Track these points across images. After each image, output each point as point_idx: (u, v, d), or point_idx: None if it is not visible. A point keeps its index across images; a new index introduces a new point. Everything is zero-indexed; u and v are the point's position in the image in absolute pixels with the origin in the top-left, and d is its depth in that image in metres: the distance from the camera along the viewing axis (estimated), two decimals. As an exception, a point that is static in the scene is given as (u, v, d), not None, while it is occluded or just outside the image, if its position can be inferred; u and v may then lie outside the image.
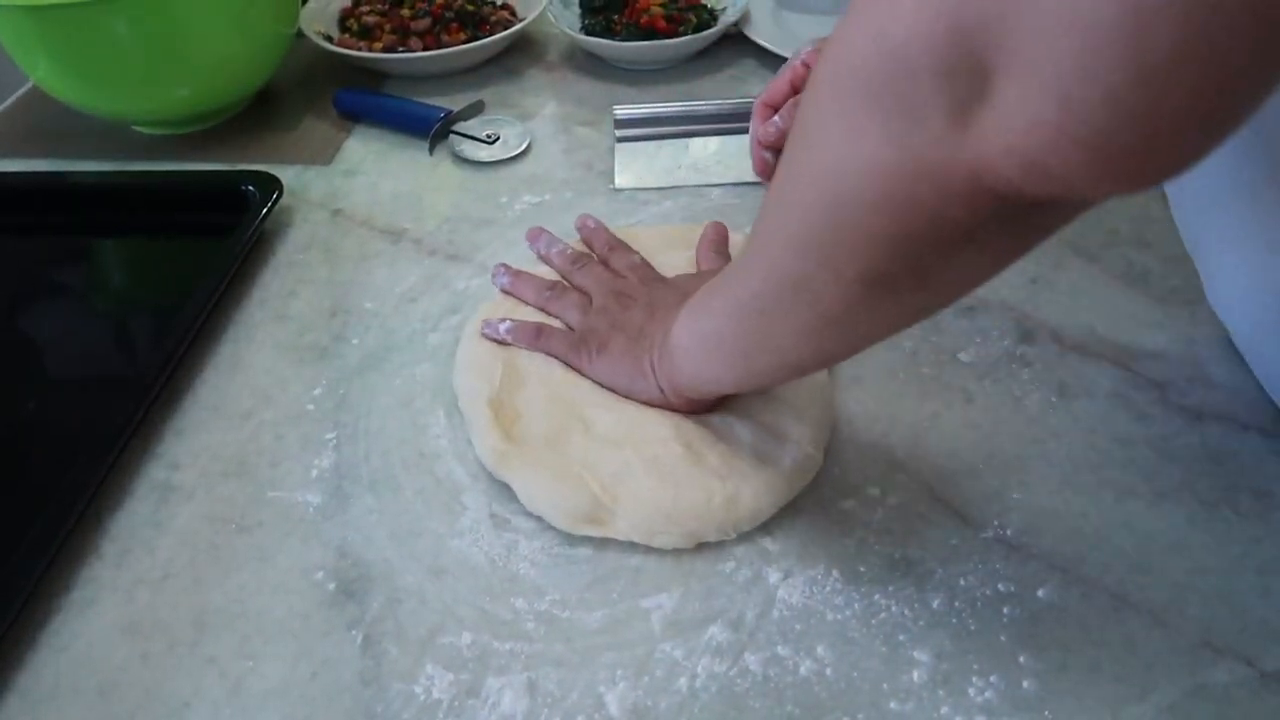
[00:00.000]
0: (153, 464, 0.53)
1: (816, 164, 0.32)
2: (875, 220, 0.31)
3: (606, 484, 0.47)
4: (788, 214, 0.35)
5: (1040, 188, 0.26)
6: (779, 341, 0.40)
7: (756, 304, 0.39)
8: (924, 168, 0.28)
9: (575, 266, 0.59)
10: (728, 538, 0.46)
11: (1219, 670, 0.41)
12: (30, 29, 0.69)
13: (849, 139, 0.30)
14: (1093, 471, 0.49)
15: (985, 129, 0.26)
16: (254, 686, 0.43)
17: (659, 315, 0.51)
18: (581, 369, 0.53)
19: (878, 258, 0.32)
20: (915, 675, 0.41)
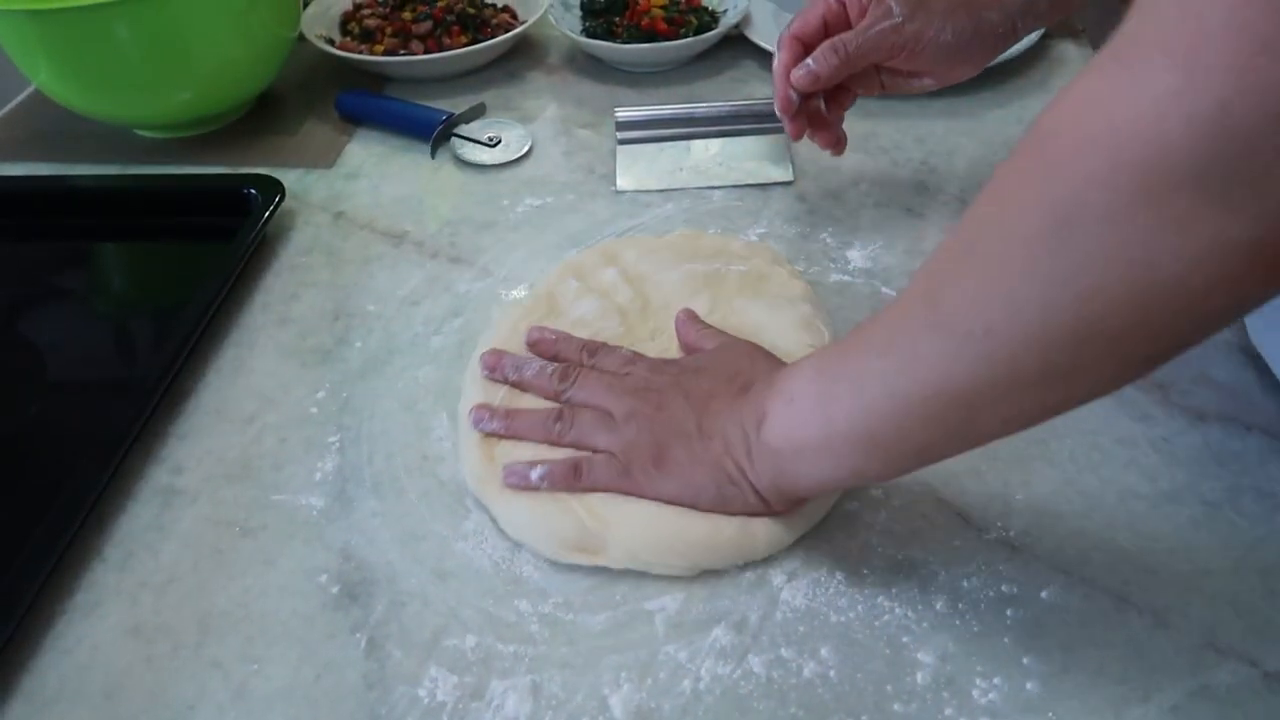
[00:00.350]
0: (156, 468, 0.53)
1: (1103, 259, 0.30)
2: (1204, 303, 0.30)
3: (595, 509, 0.46)
4: (1029, 312, 0.32)
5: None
6: (974, 434, 0.38)
7: (955, 400, 0.36)
8: (1271, 238, 0.27)
9: (566, 383, 0.51)
10: (735, 566, 0.46)
11: (1222, 671, 0.41)
12: (32, 33, 0.69)
13: (1172, 227, 0.28)
14: (1095, 473, 0.49)
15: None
16: (258, 689, 0.43)
17: (714, 407, 0.46)
18: (642, 493, 0.46)
19: (1176, 342, 0.32)
20: (919, 677, 0.41)
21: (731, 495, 0.44)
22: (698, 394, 0.47)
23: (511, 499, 0.47)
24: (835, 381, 0.40)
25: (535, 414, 0.50)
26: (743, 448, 0.44)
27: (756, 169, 0.72)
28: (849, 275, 0.62)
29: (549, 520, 0.46)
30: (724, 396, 0.46)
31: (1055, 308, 0.32)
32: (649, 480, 0.46)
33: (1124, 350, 0.32)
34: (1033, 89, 0.80)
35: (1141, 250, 0.29)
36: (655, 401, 0.47)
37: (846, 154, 0.73)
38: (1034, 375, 0.34)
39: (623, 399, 0.48)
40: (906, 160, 0.72)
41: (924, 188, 0.69)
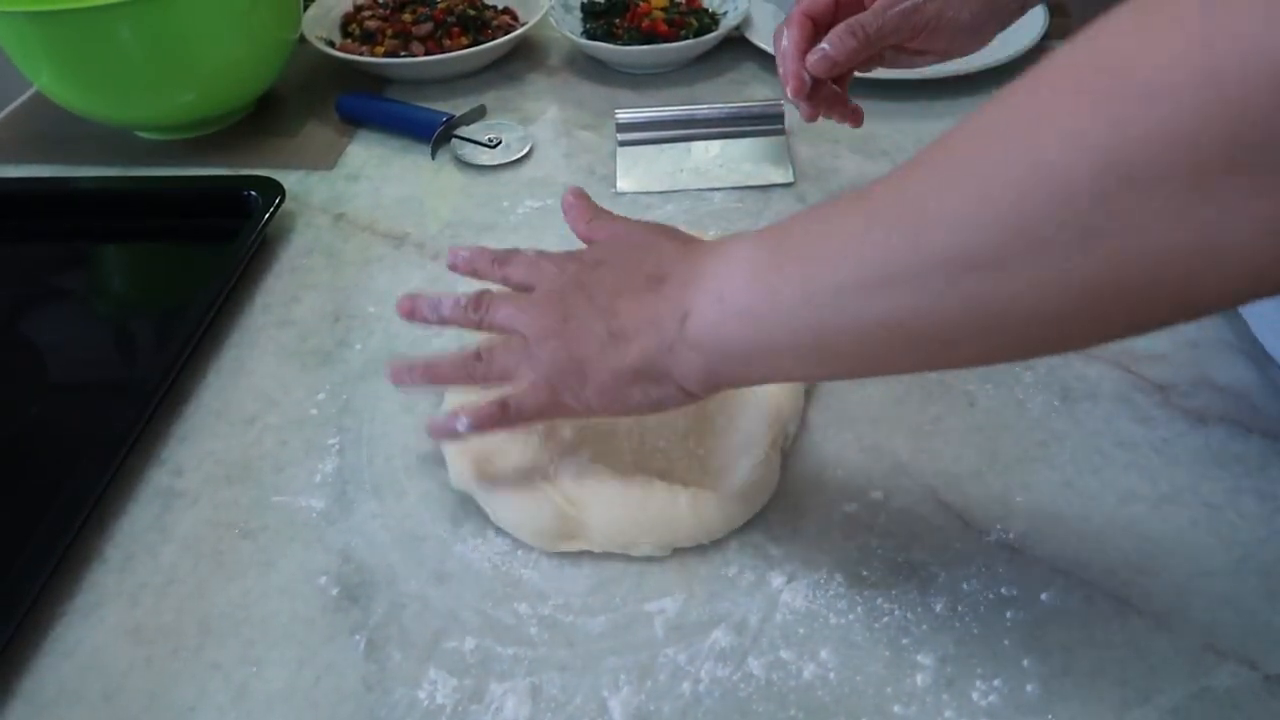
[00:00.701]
0: (156, 469, 0.53)
1: (1162, 227, 0.27)
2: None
3: (570, 494, 0.47)
4: (1051, 262, 0.29)
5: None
6: (945, 362, 0.35)
7: (932, 331, 0.33)
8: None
9: (480, 311, 0.47)
10: (701, 543, 0.46)
11: (1222, 673, 0.41)
12: (33, 35, 0.69)
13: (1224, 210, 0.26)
14: (1096, 474, 0.49)
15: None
16: (258, 691, 0.43)
17: (623, 307, 0.43)
18: (575, 414, 0.45)
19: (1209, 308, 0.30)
20: (919, 679, 0.41)
21: (660, 395, 0.42)
22: (604, 293, 0.44)
23: (496, 493, 0.48)
24: (779, 287, 0.37)
25: (454, 357, 0.48)
26: (664, 346, 0.41)
27: (757, 171, 0.72)
28: (849, 277, 0.62)
29: (531, 511, 0.47)
30: (632, 292, 0.43)
31: (1091, 265, 0.28)
32: (577, 399, 0.44)
33: (1144, 315, 0.30)
34: (1033, 90, 0.79)
35: (1214, 219, 0.26)
36: (561, 312, 0.44)
37: (846, 156, 0.73)
38: (1041, 317, 0.30)
39: (532, 318, 0.45)
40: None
41: (924, 189, 0.69)
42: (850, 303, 0.34)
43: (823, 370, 0.40)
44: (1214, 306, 0.30)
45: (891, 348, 0.35)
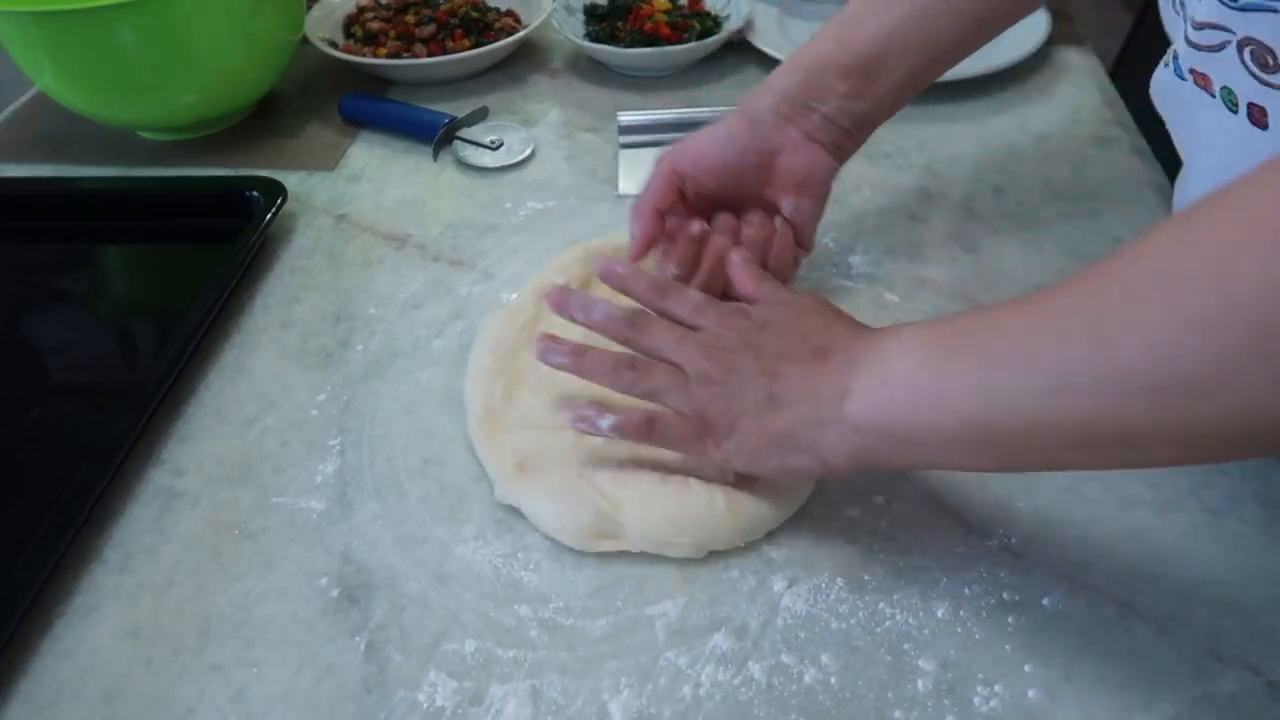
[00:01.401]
0: (156, 470, 0.53)
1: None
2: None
3: (609, 492, 0.47)
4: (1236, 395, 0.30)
5: None
6: (1115, 463, 0.37)
7: (1105, 437, 0.34)
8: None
9: (636, 331, 0.48)
10: (735, 546, 0.46)
11: (1225, 680, 0.41)
12: (36, 35, 0.69)
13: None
14: (1098, 480, 0.49)
15: None
16: (257, 693, 0.43)
17: (785, 373, 0.44)
18: (708, 458, 0.46)
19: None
20: (920, 684, 0.41)
21: (799, 465, 0.43)
22: (768, 356, 0.45)
23: (537, 497, 0.48)
24: (949, 380, 0.38)
25: (606, 356, 0.48)
26: (816, 420, 0.42)
27: (759, 174, 0.72)
28: (851, 280, 0.62)
29: (571, 512, 0.47)
30: (796, 361, 0.44)
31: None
32: (718, 447, 0.45)
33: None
34: (1035, 95, 0.79)
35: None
36: (726, 364, 0.45)
37: (848, 160, 0.73)
38: (1236, 435, 0.32)
39: (695, 358, 0.46)
40: (909, 166, 0.72)
41: (926, 193, 0.69)
42: (1023, 403, 0.35)
43: (984, 461, 0.40)
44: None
45: (1063, 448, 0.36)
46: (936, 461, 0.42)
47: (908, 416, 0.39)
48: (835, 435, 0.41)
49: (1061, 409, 0.34)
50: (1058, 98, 0.79)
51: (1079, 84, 0.81)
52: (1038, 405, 0.35)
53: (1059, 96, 0.79)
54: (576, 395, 0.52)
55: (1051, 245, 0.63)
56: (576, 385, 0.52)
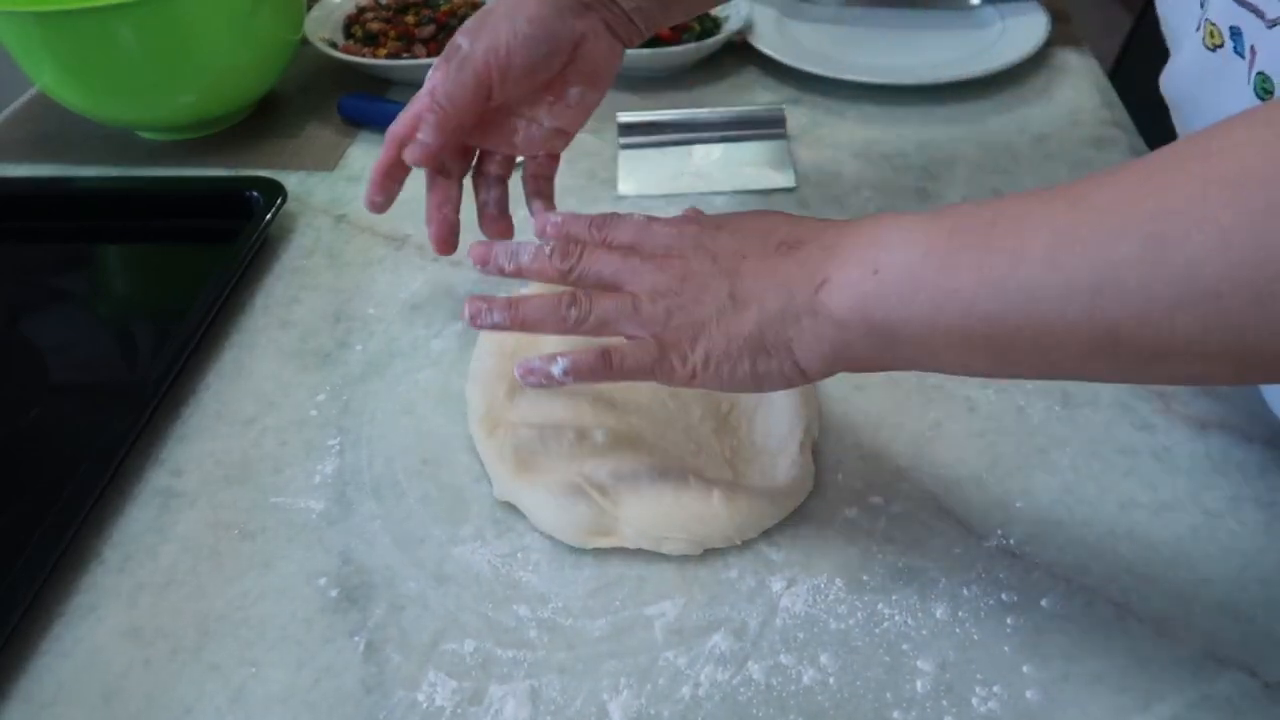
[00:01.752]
0: (155, 470, 0.53)
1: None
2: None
3: (607, 488, 0.47)
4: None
5: None
6: (1134, 374, 0.34)
7: (1128, 340, 0.31)
8: None
9: (570, 259, 0.45)
10: (733, 544, 0.46)
11: (1222, 681, 0.41)
12: (36, 35, 0.69)
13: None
14: (1096, 481, 0.49)
15: None
16: (256, 693, 0.43)
17: (748, 269, 0.41)
18: (674, 380, 0.42)
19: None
20: (918, 685, 0.41)
21: (765, 370, 0.40)
22: (726, 254, 0.41)
23: (535, 494, 0.48)
24: (959, 271, 0.35)
25: (545, 298, 0.44)
26: (788, 314, 0.39)
27: (758, 174, 0.72)
28: (850, 282, 0.62)
29: (569, 508, 0.47)
30: (759, 256, 0.41)
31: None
32: (684, 363, 0.41)
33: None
34: (1033, 96, 0.80)
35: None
36: (679, 271, 0.42)
37: (848, 161, 0.73)
38: (1259, 356, 0.30)
39: (642, 273, 0.42)
40: (908, 167, 0.72)
41: (925, 195, 0.69)
42: (1048, 304, 0.32)
43: (976, 363, 0.36)
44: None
45: (1081, 355, 0.33)
46: (919, 361, 0.38)
47: (899, 308, 0.36)
48: (810, 330, 0.38)
49: (1094, 311, 0.31)
50: (1056, 99, 0.79)
51: (1077, 85, 0.81)
52: (1066, 306, 0.32)
53: (1057, 98, 0.79)
54: (579, 394, 0.52)
55: (1050, 247, 0.63)
56: (581, 388, 0.52)
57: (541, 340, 0.55)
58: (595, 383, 0.44)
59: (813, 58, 0.84)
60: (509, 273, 0.47)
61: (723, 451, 0.50)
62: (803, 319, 0.39)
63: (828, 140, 0.76)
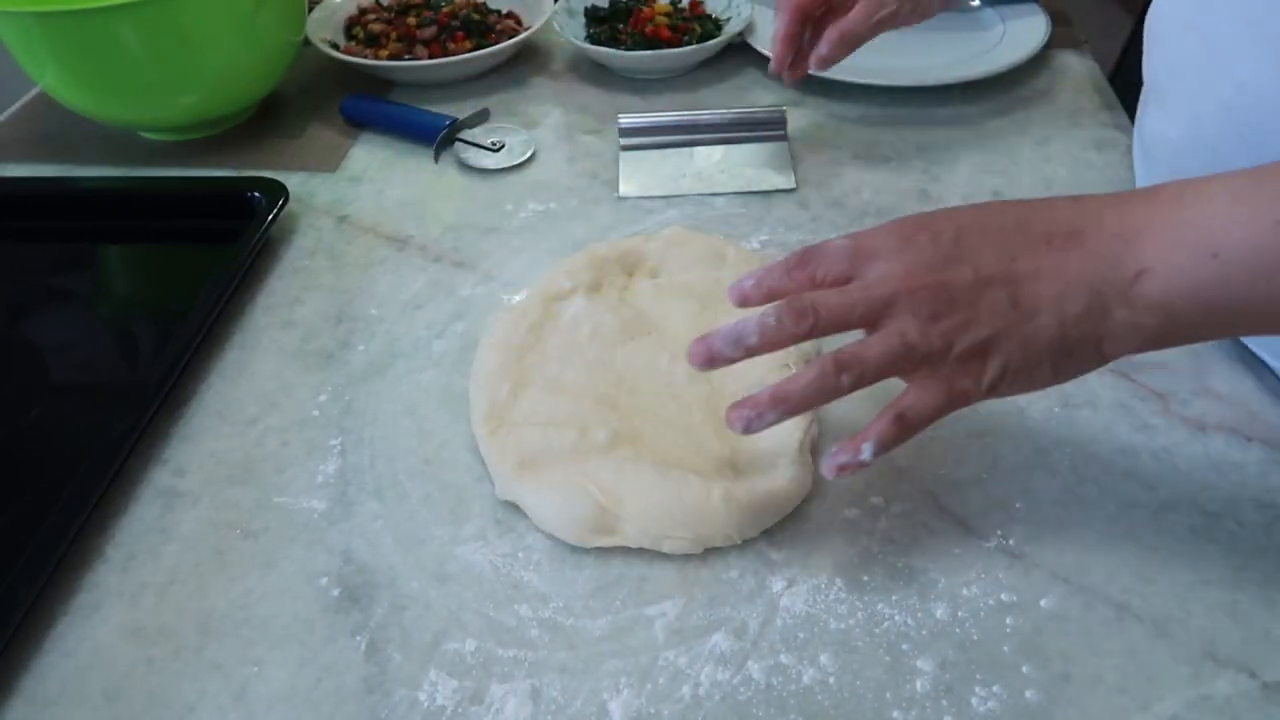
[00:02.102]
0: (158, 470, 0.53)
1: None
2: None
3: (608, 487, 0.47)
4: None
5: None
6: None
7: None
8: None
9: (800, 318, 0.40)
10: (733, 543, 0.46)
11: (1222, 681, 0.41)
12: (38, 35, 0.69)
13: None
14: (1095, 482, 0.49)
15: None
16: (258, 692, 0.43)
17: (1025, 270, 0.38)
18: (969, 402, 0.40)
19: None
20: (918, 685, 0.41)
21: (1065, 368, 0.39)
22: (987, 260, 0.38)
23: (534, 490, 0.48)
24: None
25: (807, 373, 0.40)
26: (1094, 313, 0.37)
27: (759, 176, 0.72)
28: (851, 283, 0.62)
29: (570, 506, 0.47)
30: (1030, 255, 0.38)
31: None
32: (976, 385, 0.39)
33: None
34: (1035, 99, 0.80)
35: None
36: (939, 292, 0.38)
37: (848, 162, 0.73)
38: None
39: (896, 305, 0.38)
40: (908, 168, 0.72)
41: (926, 196, 0.69)
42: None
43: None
44: None
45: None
46: (1254, 330, 0.38)
47: (1246, 287, 0.35)
48: (1125, 324, 0.37)
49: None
50: (1057, 101, 0.79)
51: (1078, 87, 0.81)
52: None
53: (1058, 100, 0.80)
54: (584, 395, 0.52)
55: (1050, 248, 0.64)
56: (581, 386, 0.52)
57: (545, 341, 0.55)
58: (900, 445, 0.41)
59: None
60: (740, 359, 0.42)
61: (723, 451, 0.50)
62: (1114, 313, 0.37)
63: (828, 142, 0.76)
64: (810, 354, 0.55)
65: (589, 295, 0.58)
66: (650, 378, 0.53)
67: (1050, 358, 0.38)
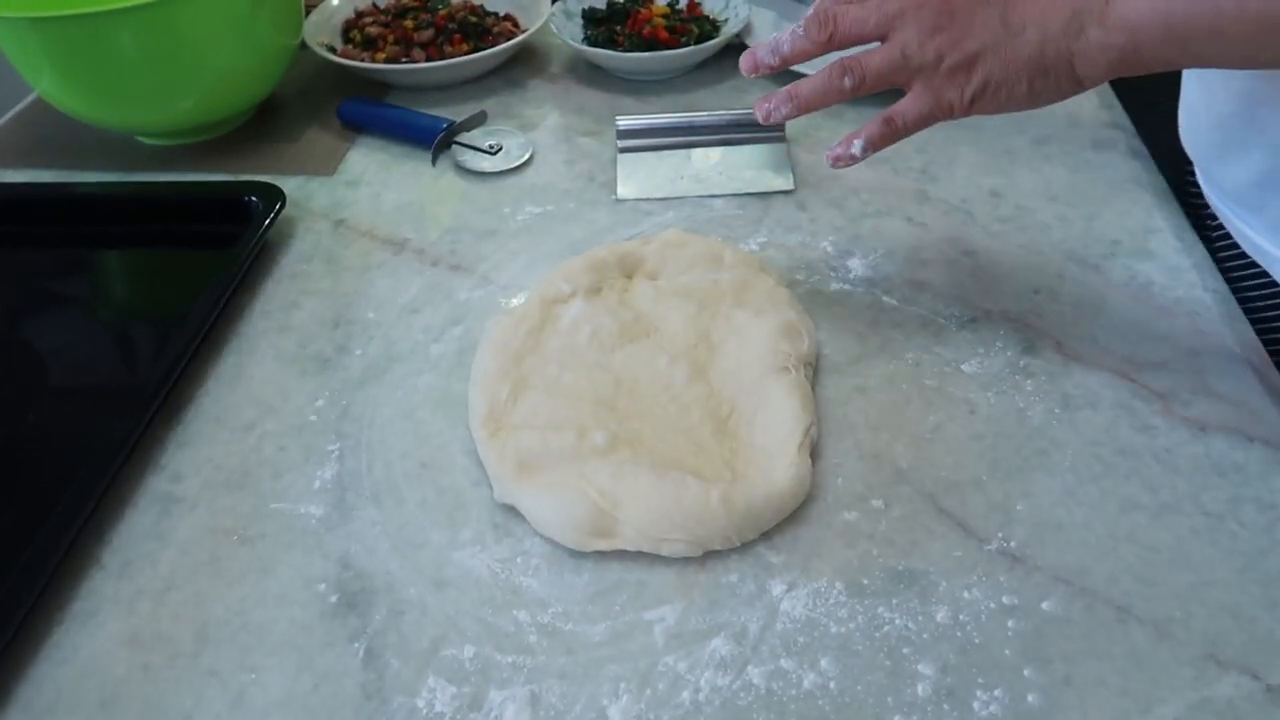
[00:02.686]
0: (155, 475, 0.53)
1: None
2: None
3: (606, 490, 0.47)
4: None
5: None
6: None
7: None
8: None
9: (824, 26, 0.47)
10: (732, 545, 0.46)
11: (1224, 684, 0.41)
12: (34, 40, 0.69)
13: None
14: (1096, 483, 0.49)
15: None
16: (255, 699, 0.43)
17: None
18: (951, 115, 0.46)
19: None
20: (919, 689, 0.41)
21: (1042, 88, 0.43)
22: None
23: (532, 493, 0.48)
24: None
25: (817, 75, 0.48)
26: (1071, 31, 0.42)
27: (757, 177, 0.72)
28: (849, 284, 0.62)
29: (568, 508, 0.47)
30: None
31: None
32: (960, 97, 0.44)
33: None
34: (1033, 98, 0.79)
35: None
36: (941, 7, 0.44)
37: (847, 163, 0.73)
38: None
39: (903, 19, 0.45)
40: (907, 169, 0.72)
41: (924, 197, 0.69)
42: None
43: (1266, 53, 0.40)
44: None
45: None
46: (1206, 56, 0.41)
47: (1205, 7, 0.39)
48: (1096, 44, 0.41)
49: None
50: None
51: (1077, 87, 0.81)
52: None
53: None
54: (583, 398, 0.52)
55: (1049, 248, 0.63)
56: (580, 389, 0.52)
57: (544, 344, 0.55)
58: (888, 146, 0.48)
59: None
60: (776, 66, 0.51)
61: (722, 453, 0.50)
62: (1089, 31, 0.41)
63: (827, 142, 0.75)
64: (810, 359, 0.55)
65: (588, 298, 0.58)
66: (649, 380, 0.53)
67: (1028, 74, 0.43)
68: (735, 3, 0.89)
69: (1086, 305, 0.59)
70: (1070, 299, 0.59)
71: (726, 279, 0.59)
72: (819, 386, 0.55)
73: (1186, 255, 0.62)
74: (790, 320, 0.55)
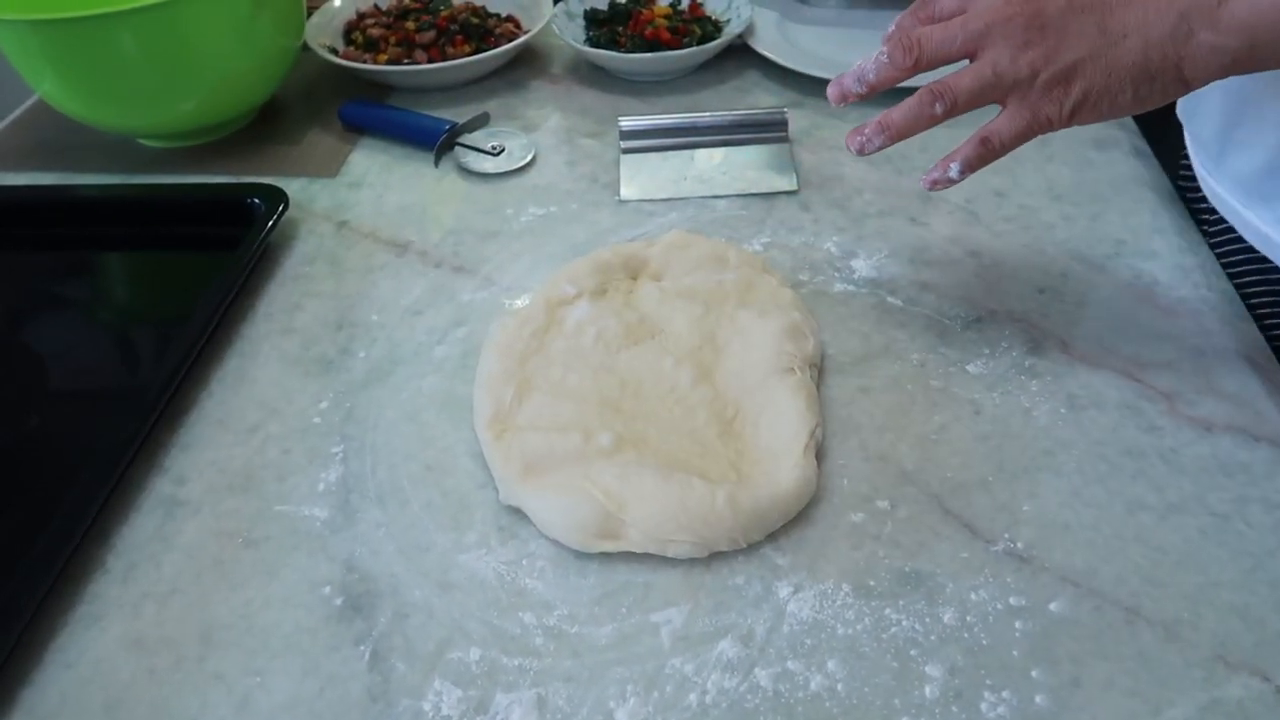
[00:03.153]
0: (159, 478, 0.53)
1: None
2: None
3: (612, 491, 0.47)
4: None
5: None
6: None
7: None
8: None
9: (911, 53, 0.46)
10: (738, 546, 0.46)
11: (1233, 685, 0.40)
12: (36, 43, 0.69)
13: None
14: (1102, 483, 0.49)
15: None
16: (261, 702, 0.42)
17: (1118, 4, 0.41)
18: (1050, 128, 0.44)
19: None
20: (927, 690, 0.41)
21: (1148, 94, 0.42)
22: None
23: (538, 495, 0.48)
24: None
25: (908, 101, 0.47)
26: (1179, 36, 0.40)
27: (760, 178, 0.72)
28: (853, 285, 0.62)
29: (574, 510, 0.46)
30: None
31: None
32: (1060, 110, 0.43)
33: None
34: (1036, 98, 0.79)
35: None
36: (1032, 20, 0.42)
37: (850, 163, 0.73)
38: None
39: (991, 36, 0.43)
40: (910, 170, 0.72)
41: (927, 197, 0.69)
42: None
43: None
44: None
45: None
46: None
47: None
48: (1208, 46, 0.40)
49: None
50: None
51: (1080, 87, 0.81)
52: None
53: (1060, 99, 0.79)
54: (588, 400, 0.52)
55: (1053, 248, 0.63)
56: (586, 391, 0.52)
57: (549, 346, 0.55)
58: (985, 166, 0.47)
59: (814, 60, 0.83)
60: (865, 94, 0.49)
61: (727, 455, 0.50)
62: (1199, 34, 0.40)
63: (830, 143, 0.75)
64: (815, 360, 0.54)
65: (593, 300, 0.57)
66: (654, 382, 0.53)
67: (1132, 81, 0.41)
68: (737, 3, 0.89)
69: (1091, 305, 0.59)
70: (1075, 299, 0.59)
71: (731, 280, 0.59)
72: (824, 387, 0.55)
73: (1191, 254, 0.62)
74: (795, 321, 0.55)
